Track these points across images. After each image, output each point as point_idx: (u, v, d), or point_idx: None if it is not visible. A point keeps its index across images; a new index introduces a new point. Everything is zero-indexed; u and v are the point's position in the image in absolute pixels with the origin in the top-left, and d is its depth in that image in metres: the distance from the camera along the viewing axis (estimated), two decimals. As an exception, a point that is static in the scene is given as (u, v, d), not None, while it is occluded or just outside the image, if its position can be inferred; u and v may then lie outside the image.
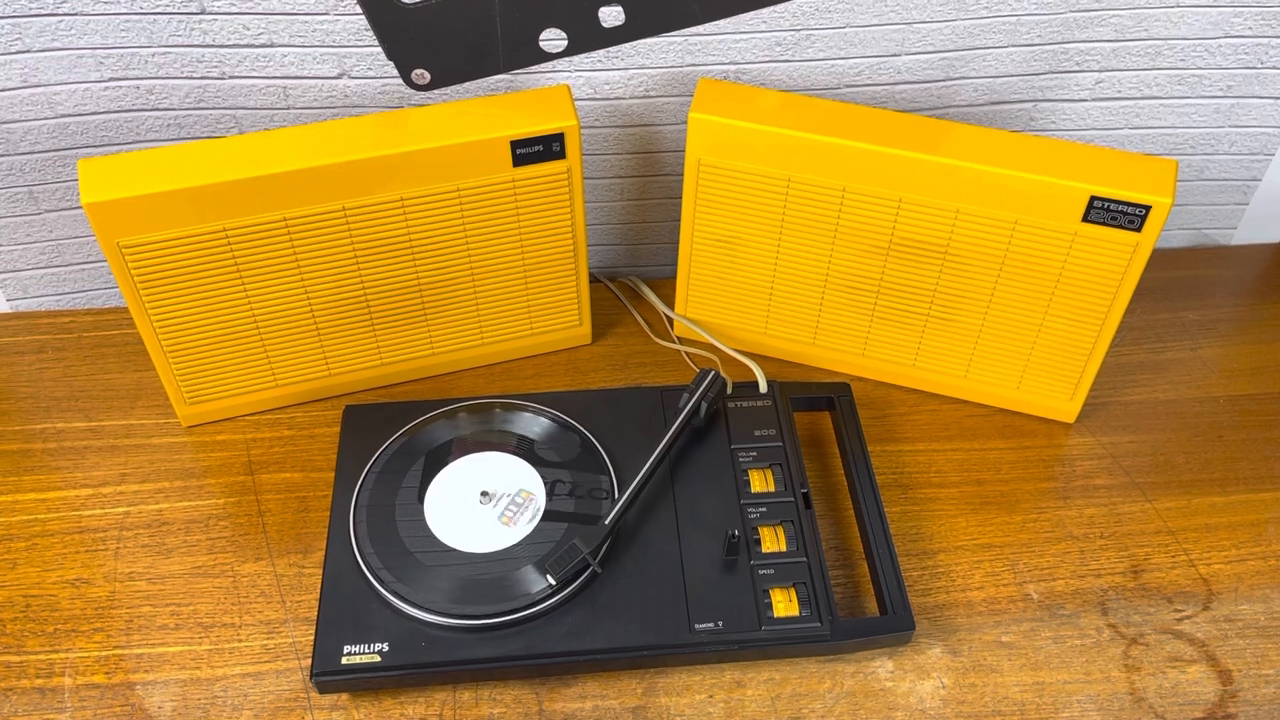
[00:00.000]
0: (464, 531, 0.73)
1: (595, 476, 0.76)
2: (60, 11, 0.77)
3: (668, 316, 0.93)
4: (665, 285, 0.95)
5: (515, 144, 0.76)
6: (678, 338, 0.92)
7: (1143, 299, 0.79)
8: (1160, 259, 0.77)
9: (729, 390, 0.82)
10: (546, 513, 0.74)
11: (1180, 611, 0.75)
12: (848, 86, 0.88)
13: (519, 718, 0.68)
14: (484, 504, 0.74)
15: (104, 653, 0.71)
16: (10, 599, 0.74)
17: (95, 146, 0.85)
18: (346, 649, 0.67)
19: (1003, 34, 0.86)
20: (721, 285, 0.87)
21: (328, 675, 0.67)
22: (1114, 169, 0.74)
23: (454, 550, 0.72)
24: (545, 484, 0.76)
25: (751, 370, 0.86)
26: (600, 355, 0.91)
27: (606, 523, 0.72)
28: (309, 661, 0.69)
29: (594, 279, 0.97)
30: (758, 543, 0.73)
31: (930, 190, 0.76)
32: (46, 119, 0.83)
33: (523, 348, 0.90)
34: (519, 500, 0.74)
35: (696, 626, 0.69)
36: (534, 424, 0.79)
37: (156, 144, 0.86)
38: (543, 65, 0.84)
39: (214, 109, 0.84)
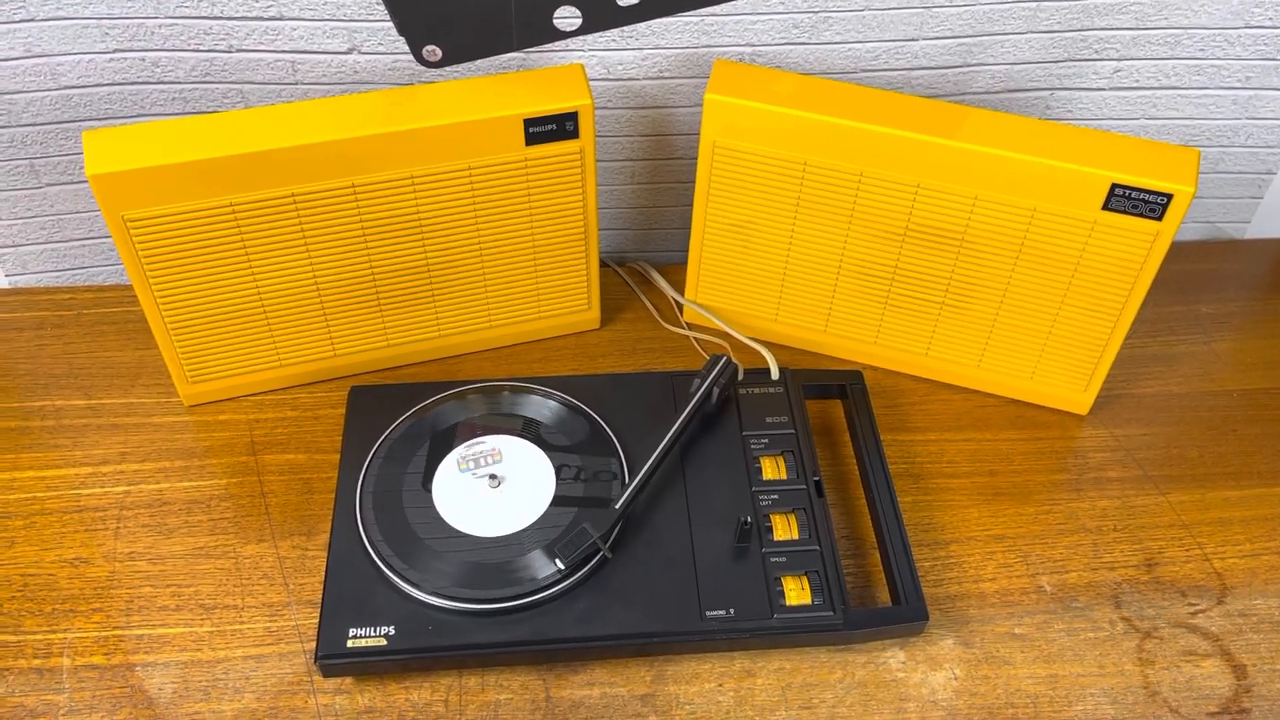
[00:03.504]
0: (472, 515, 0.72)
1: (605, 461, 0.75)
2: (65, -20, 0.76)
3: (677, 302, 0.92)
4: (674, 271, 0.94)
5: (528, 122, 0.75)
6: (687, 324, 0.91)
7: (1156, 291, 0.78)
8: (1173, 251, 0.76)
9: (740, 376, 0.81)
10: (555, 498, 0.73)
11: (1194, 605, 0.74)
12: (864, 70, 0.87)
13: (526, 704, 0.67)
14: (492, 488, 0.73)
15: (103, 633, 0.70)
16: (8, 578, 0.73)
17: (98, 119, 0.84)
18: (352, 632, 0.66)
19: (1021, 20, 0.85)
20: (733, 270, 0.86)
21: (333, 658, 0.66)
22: (1135, 157, 0.73)
23: (462, 534, 0.71)
24: (554, 468, 0.75)
25: (763, 357, 0.85)
26: (608, 340, 0.90)
27: (617, 507, 0.71)
28: (312, 645, 0.68)
29: (603, 264, 0.95)
30: (769, 530, 0.72)
31: (948, 176, 0.75)
32: (49, 90, 0.81)
33: (530, 331, 0.89)
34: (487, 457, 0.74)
35: (707, 614, 0.68)
36: (543, 407, 0.78)
37: (161, 118, 0.84)
38: (556, 44, 0.83)
39: (220, 83, 0.83)
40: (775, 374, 0.82)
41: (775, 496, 0.74)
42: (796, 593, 0.69)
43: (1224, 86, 0.91)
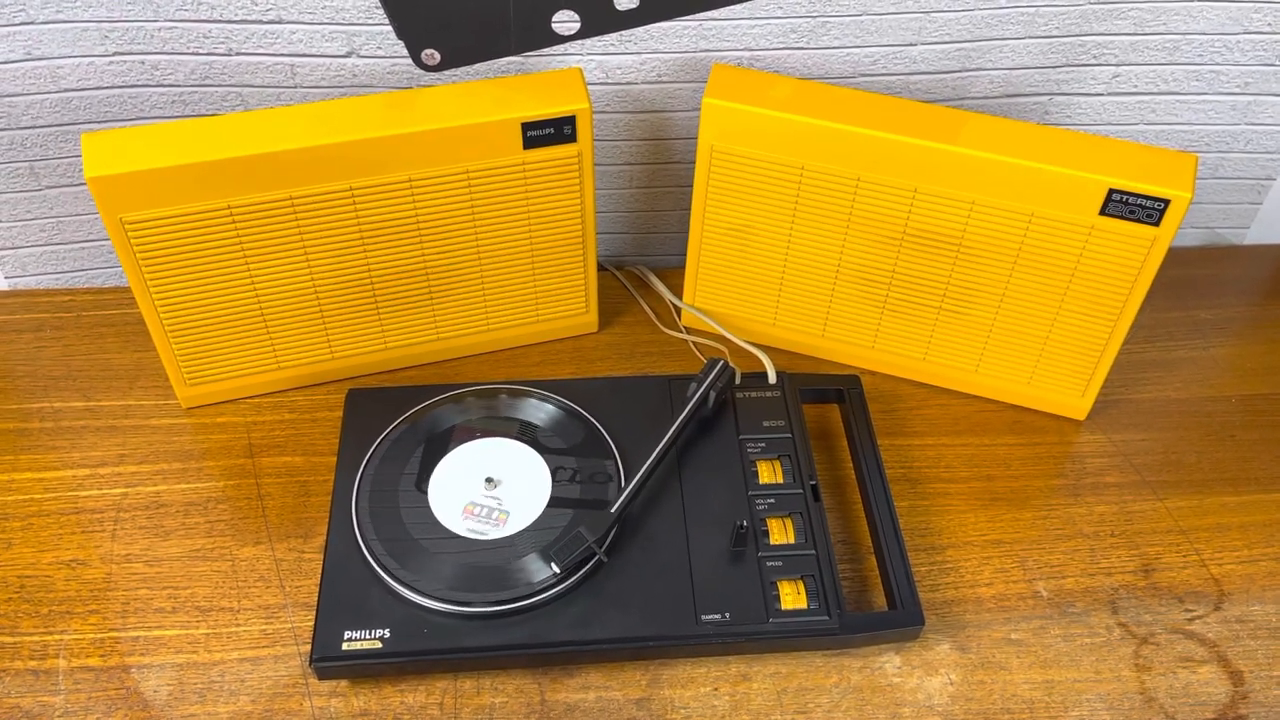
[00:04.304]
0: (469, 518, 0.72)
1: (601, 464, 0.75)
2: (65, -17, 0.76)
3: (675, 306, 0.92)
4: (672, 275, 0.94)
5: (526, 126, 0.75)
6: (685, 328, 0.91)
7: (1154, 297, 0.78)
8: (1172, 257, 0.76)
9: (738, 380, 0.81)
10: (552, 500, 0.73)
11: (1191, 611, 0.74)
12: (863, 75, 0.87)
13: (521, 708, 0.67)
14: (489, 490, 0.73)
15: (100, 635, 0.70)
16: (5, 579, 0.73)
17: (98, 122, 0.84)
18: (347, 634, 0.66)
19: (1020, 25, 0.85)
20: (731, 275, 0.86)
21: (328, 661, 0.66)
22: (1133, 162, 0.73)
23: (458, 536, 0.71)
24: (550, 471, 0.75)
25: (760, 361, 0.85)
26: (606, 344, 0.90)
27: (613, 511, 0.71)
28: (308, 647, 0.68)
29: (601, 268, 0.95)
30: (765, 534, 0.72)
31: (946, 181, 0.76)
32: (49, 93, 0.82)
33: (528, 334, 0.89)
34: (493, 508, 0.73)
35: (703, 618, 0.68)
36: (540, 410, 0.78)
37: (160, 120, 0.85)
38: (554, 48, 0.83)
39: (219, 86, 0.83)
40: (772, 378, 0.82)
41: (771, 500, 0.74)
42: (792, 597, 0.69)
43: (1223, 92, 0.91)
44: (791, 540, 0.72)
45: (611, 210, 0.95)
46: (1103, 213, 0.74)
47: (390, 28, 0.80)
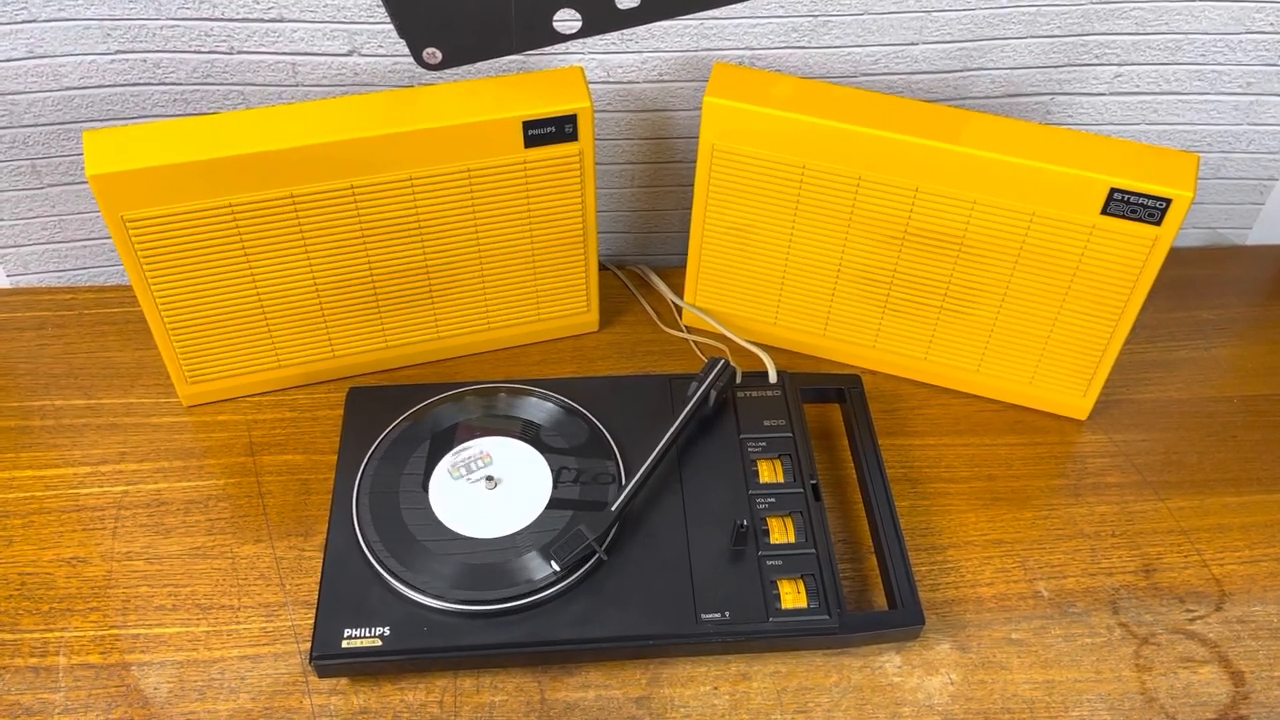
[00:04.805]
0: (468, 516, 0.72)
1: (602, 463, 0.75)
2: (67, -19, 0.76)
3: (676, 305, 0.92)
4: (673, 275, 0.94)
5: (527, 125, 0.75)
6: (686, 327, 0.91)
7: (1156, 297, 0.78)
8: (1174, 257, 0.76)
9: (738, 379, 0.81)
10: (552, 499, 0.73)
11: (1192, 612, 0.74)
12: (864, 75, 0.87)
13: (520, 706, 0.67)
14: (489, 489, 0.73)
15: (100, 632, 0.70)
16: (6, 576, 0.73)
17: (100, 120, 0.84)
18: (347, 632, 0.66)
19: (1022, 24, 0.85)
20: (732, 274, 0.86)
21: (327, 659, 0.66)
22: (1134, 161, 0.73)
23: (458, 535, 0.71)
24: (551, 470, 0.75)
25: (761, 360, 0.85)
26: (607, 343, 0.90)
27: (613, 509, 0.71)
28: (308, 645, 0.68)
29: (602, 266, 0.95)
30: (766, 533, 0.72)
31: (947, 180, 0.75)
32: (52, 91, 0.82)
33: (529, 333, 0.89)
34: (478, 463, 0.73)
35: (703, 617, 0.68)
36: (541, 409, 0.78)
37: (162, 119, 0.85)
38: (556, 47, 0.83)
39: (221, 84, 0.83)
40: (773, 377, 0.82)
41: (772, 500, 0.74)
42: (792, 596, 0.69)
43: (1225, 92, 0.91)
44: (792, 539, 0.72)
45: (612, 209, 0.95)
46: (1104, 212, 0.74)
47: (392, 26, 0.80)
